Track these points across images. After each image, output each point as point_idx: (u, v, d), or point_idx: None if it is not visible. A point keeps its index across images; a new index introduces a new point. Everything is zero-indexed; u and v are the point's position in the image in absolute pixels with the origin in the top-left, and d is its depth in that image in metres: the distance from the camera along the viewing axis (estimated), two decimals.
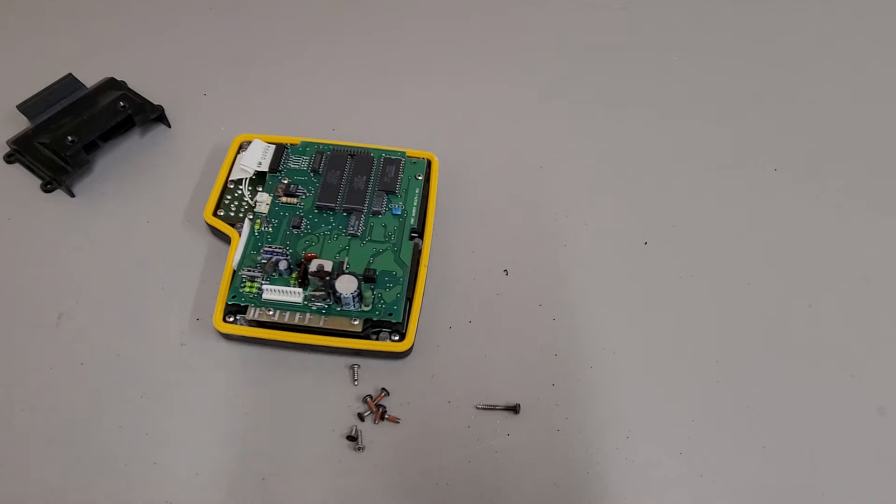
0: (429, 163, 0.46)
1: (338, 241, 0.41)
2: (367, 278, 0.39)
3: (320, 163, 0.44)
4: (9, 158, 0.47)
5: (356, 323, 0.38)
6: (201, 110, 0.51)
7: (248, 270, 0.39)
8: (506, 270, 0.44)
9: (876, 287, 0.44)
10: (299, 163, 0.45)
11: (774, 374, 0.40)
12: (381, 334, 0.39)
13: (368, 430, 0.37)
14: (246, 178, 0.45)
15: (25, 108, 0.46)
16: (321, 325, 0.38)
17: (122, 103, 0.47)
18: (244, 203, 0.44)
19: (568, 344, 0.41)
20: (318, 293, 0.38)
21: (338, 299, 0.38)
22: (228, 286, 0.39)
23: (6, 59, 0.54)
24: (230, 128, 0.49)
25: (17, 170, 0.47)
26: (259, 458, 0.36)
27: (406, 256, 0.41)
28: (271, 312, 0.38)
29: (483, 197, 0.47)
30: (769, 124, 0.53)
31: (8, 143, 0.47)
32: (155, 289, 0.42)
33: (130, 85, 0.50)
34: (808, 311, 0.43)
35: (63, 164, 0.45)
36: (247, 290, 0.39)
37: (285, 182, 0.44)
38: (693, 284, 0.44)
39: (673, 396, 0.39)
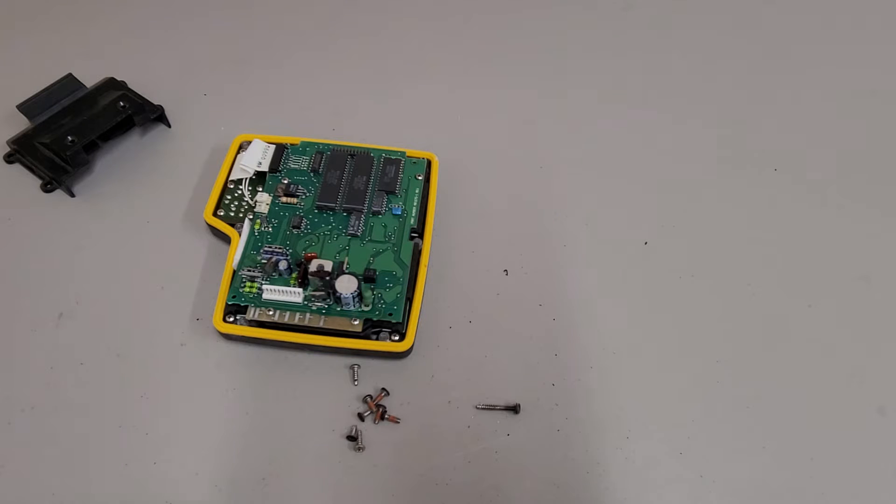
0: (429, 163, 0.46)
1: (338, 241, 0.41)
2: (367, 278, 0.39)
3: (320, 163, 0.44)
4: (9, 158, 0.47)
5: (356, 323, 0.38)
6: (201, 110, 0.51)
7: (248, 270, 0.39)
8: (506, 270, 0.44)
9: (876, 287, 0.44)
10: (299, 163, 0.45)
11: (774, 374, 0.40)
12: (381, 334, 0.39)
13: (368, 430, 0.37)
14: (246, 178, 0.45)
15: (25, 108, 0.46)
16: (321, 325, 0.38)
17: (122, 103, 0.47)
18: (244, 203, 0.44)
19: (568, 344, 0.41)
20: (318, 293, 0.38)
21: (338, 299, 0.38)
22: (228, 286, 0.39)
23: (6, 59, 0.54)
24: (230, 128, 0.49)
25: (17, 170, 0.47)
26: (259, 458, 0.36)
27: (406, 256, 0.41)
28: (271, 312, 0.38)
29: (483, 197, 0.47)
30: (769, 124, 0.53)
31: (8, 143, 0.47)
32: (155, 289, 0.42)
33: (130, 85, 0.50)
34: (808, 311, 0.43)
35: (63, 164, 0.45)
36: (247, 290, 0.39)
37: (285, 182, 0.44)
38: (693, 284, 0.44)
39: (673, 396, 0.39)
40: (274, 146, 0.45)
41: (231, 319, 0.39)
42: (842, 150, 0.51)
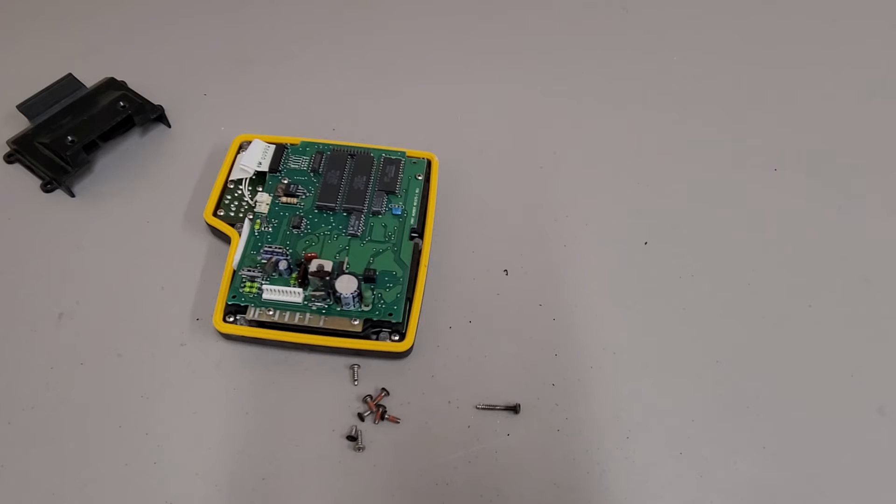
0: (429, 163, 0.46)
1: (338, 241, 0.41)
2: (367, 278, 0.39)
3: (320, 163, 0.45)
4: (9, 158, 0.47)
5: (356, 323, 0.38)
6: (201, 110, 0.51)
7: (248, 270, 0.39)
8: (506, 270, 0.44)
9: (876, 287, 0.44)
10: (299, 163, 0.45)
11: (774, 373, 0.40)
12: (381, 334, 0.39)
13: (368, 430, 0.37)
14: (246, 178, 0.45)
15: (25, 108, 0.46)
16: (321, 325, 0.38)
17: (122, 103, 0.47)
18: (244, 203, 0.44)
19: (568, 344, 0.41)
20: (318, 293, 0.38)
21: (338, 299, 0.38)
22: (228, 286, 0.39)
23: (6, 59, 0.54)
24: (230, 128, 0.49)
25: (17, 170, 0.47)
26: (259, 458, 0.36)
27: (406, 256, 0.41)
28: (271, 312, 0.38)
29: (483, 197, 0.47)
30: (769, 124, 0.53)
31: (8, 143, 0.47)
32: (155, 289, 0.42)
33: (130, 85, 0.50)
34: (808, 311, 0.43)
35: (63, 164, 0.45)
36: (247, 290, 0.39)
37: (285, 182, 0.44)
38: (693, 284, 0.44)
39: (673, 396, 0.39)
40: (274, 146, 0.45)
41: (231, 319, 0.39)
42: (842, 149, 0.51)
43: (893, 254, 0.46)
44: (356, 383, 0.39)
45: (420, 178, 0.45)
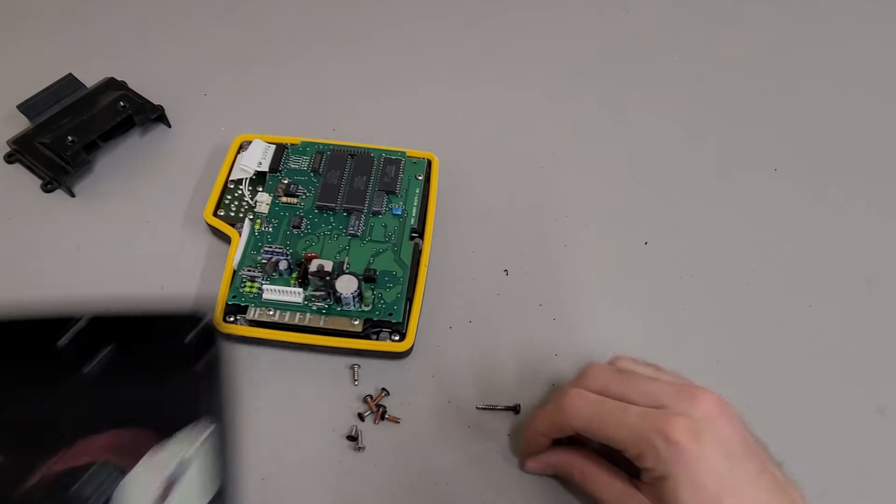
0: (429, 163, 0.46)
1: (338, 241, 0.41)
2: (367, 278, 0.39)
3: (320, 163, 0.45)
4: (9, 158, 0.47)
5: (356, 323, 0.38)
6: (201, 110, 0.51)
7: (249, 270, 0.39)
8: (506, 270, 0.44)
9: (877, 287, 0.44)
10: (299, 163, 0.45)
11: (774, 374, 0.40)
12: (381, 334, 0.39)
13: (368, 430, 0.37)
14: (246, 178, 0.45)
15: (25, 108, 0.46)
16: (321, 325, 0.38)
17: (122, 103, 0.47)
18: (244, 203, 0.44)
19: (568, 344, 0.41)
20: (318, 293, 0.38)
21: (338, 299, 0.38)
22: (228, 286, 0.39)
23: (6, 59, 0.54)
24: (230, 128, 0.49)
25: (17, 170, 0.47)
26: (259, 458, 0.36)
27: (406, 256, 0.41)
28: (271, 312, 0.38)
29: (483, 197, 0.47)
30: (769, 124, 0.53)
31: (8, 143, 0.47)
32: (155, 289, 0.42)
33: (130, 85, 0.50)
34: (808, 311, 0.43)
35: (63, 164, 0.45)
36: (247, 290, 0.39)
37: (285, 182, 0.44)
38: (693, 284, 0.44)
39: None
40: (274, 146, 0.45)
41: (231, 319, 0.39)
42: (841, 149, 0.51)
43: (893, 254, 0.46)
44: (356, 383, 0.39)
45: (420, 178, 0.45)
